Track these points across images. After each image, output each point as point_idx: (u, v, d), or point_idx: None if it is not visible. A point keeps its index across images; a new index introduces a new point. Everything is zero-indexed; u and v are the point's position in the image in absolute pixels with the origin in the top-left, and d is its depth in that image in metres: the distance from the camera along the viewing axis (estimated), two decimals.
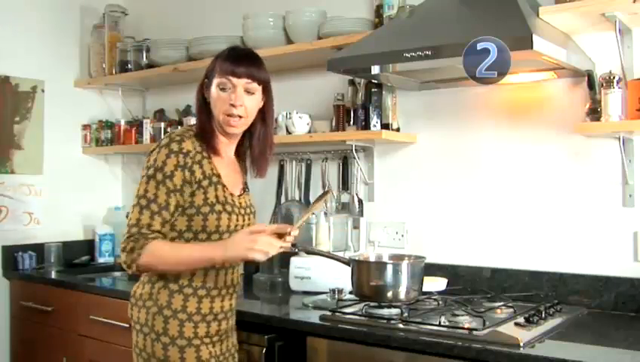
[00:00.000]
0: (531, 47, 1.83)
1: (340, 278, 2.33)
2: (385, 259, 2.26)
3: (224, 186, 1.86)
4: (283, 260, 2.76)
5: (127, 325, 2.07)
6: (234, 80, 1.81)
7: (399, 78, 2.55)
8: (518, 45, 1.87)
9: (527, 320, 1.93)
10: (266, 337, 2.14)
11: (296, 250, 2.67)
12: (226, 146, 1.93)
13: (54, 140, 3.65)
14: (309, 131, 2.85)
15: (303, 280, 2.58)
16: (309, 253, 2.45)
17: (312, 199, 3.01)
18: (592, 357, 1.72)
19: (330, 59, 2.35)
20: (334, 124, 2.79)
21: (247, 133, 1.94)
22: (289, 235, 1.76)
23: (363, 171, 2.83)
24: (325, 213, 2.75)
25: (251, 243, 1.69)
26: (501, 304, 2.14)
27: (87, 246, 3.70)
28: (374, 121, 2.64)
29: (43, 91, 3.61)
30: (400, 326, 1.94)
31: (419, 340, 1.83)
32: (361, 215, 2.82)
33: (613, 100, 2.09)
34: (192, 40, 3.24)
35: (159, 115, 3.63)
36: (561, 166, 2.37)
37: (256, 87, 1.84)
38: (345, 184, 2.89)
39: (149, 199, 1.74)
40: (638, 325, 2.04)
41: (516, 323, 1.92)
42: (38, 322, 3.21)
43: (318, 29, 2.79)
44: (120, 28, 3.72)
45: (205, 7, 3.55)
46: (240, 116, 1.83)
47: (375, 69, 2.39)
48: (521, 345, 1.72)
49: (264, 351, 2.12)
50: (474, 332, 1.81)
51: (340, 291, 2.34)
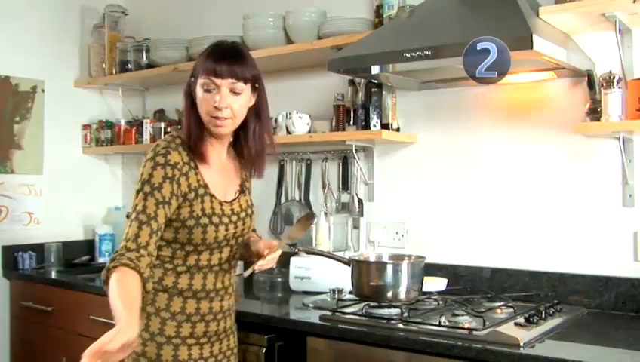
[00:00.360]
0: (531, 47, 1.83)
1: (340, 278, 2.34)
2: (385, 259, 2.26)
3: (212, 196, 1.79)
4: (283, 260, 2.77)
5: None
6: (217, 80, 1.73)
7: (399, 78, 2.55)
8: (518, 45, 1.87)
9: (527, 320, 1.93)
10: (266, 337, 2.14)
11: (296, 249, 2.68)
12: (218, 148, 1.85)
13: (54, 140, 3.65)
14: (309, 131, 2.85)
15: (303, 280, 2.58)
16: (309, 253, 2.46)
17: (312, 199, 3.01)
18: (592, 357, 1.72)
19: (330, 59, 2.35)
20: (334, 124, 2.79)
21: (241, 131, 1.85)
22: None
23: (363, 171, 2.83)
24: (325, 213, 2.75)
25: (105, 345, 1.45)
26: (501, 304, 2.14)
27: (87, 246, 3.70)
28: (374, 121, 2.64)
29: (43, 91, 3.61)
30: (400, 326, 1.94)
31: (419, 340, 1.83)
32: (361, 215, 2.82)
33: (613, 100, 2.09)
34: (192, 40, 3.24)
35: (159, 115, 3.63)
36: (561, 166, 2.37)
37: (242, 87, 1.75)
38: (345, 184, 2.89)
39: (137, 211, 1.69)
40: (638, 325, 2.04)
41: (516, 323, 1.92)
42: (38, 322, 3.20)
43: (318, 29, 2.79)
44: (120, 28, 3.72)
45: (205, 7, 3.55)
46: (226, 117, 1.75)
47: (375, 68, 2.39)
48: (521, 345, 1.72)
49: (264, 351, 2.12)
50: (474, 332, 1.81)
51: (340, 291, 2.34)
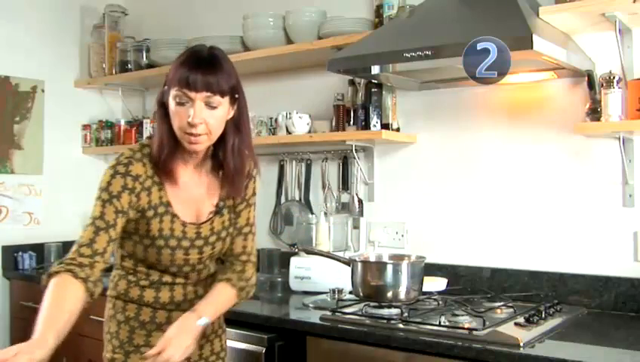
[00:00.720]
0: (531, 47, 1.83)
1: (340, 278, 2.34)
2: (385, 259, 2.26)
3: (174, 216, 1.67)
4: (283, 260, 2.77)
5: None
6: (190, 93, 1.57)
7: (399, 78, 2.55)
8: (518, 45, 1.87)
9: (527, 320, 1.93)
10: (266, 337, 2.13)
11: (297, 249, 2.69)
12: (192, 164, 1.71)
13: (54, 140, 3.65)
14: (309, 131, 2.85)
15: (303, 280, 2.58)
16: (309, 253, 2.47)
17: (312, 199, 3.01)
18: (592, 357, 1.72)
19: (330, 59, 2.35)
20: (334, 124, 2.79)
21: (220, 145, 1.69)
22: None
23: (363, 171, 2.83)
24: (325, 213, 2.75)
25: None
26: (501, 304, 2.14)
27: None
28: (374, 121, 2.64)
29: (43, 91, 3.61)
30: (400, 326, 1.94)
31: (419, 340, 1.83)
32: (361, 215, 2.82)
33: (613, 100, 2.09)
34: (192, 40, 3.23)
35: None
36: (561, 166, 2.37)
37: (219, 100, 1.59)
38: (345, 184, 2.89)
39: (95, 217, 1.59)
40: (638, 325, 2.04)
41: (516, 323, 1.92)
42: None
43: (318, 29, 2.79)
44: (120, 28, 3.72)
45: (205, 7, 3.55)
46: (200, 133, 1.60)
47: (375, 69, 2.39)
48: (521, 345, 1.72)
49: (264, 351, 2.12)
50: (474, 332, 1.81)
51: (340, 291, 2.34)
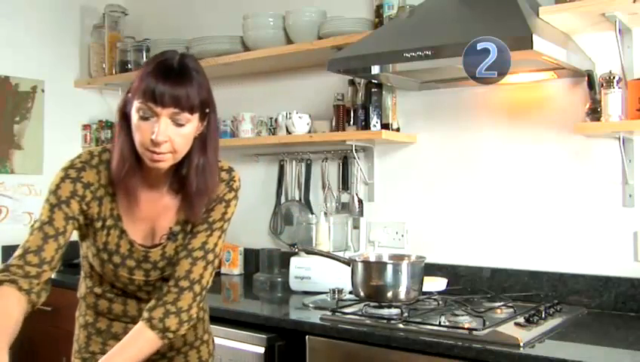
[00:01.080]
0: (531, 47, 1.83)
1: (340, 278, 2.34)
2: (385, 259, 2.26)
3: (123, 233, 1.56)
4: (283, 260, 2.77)
5: None
6: (156, 109, 1.40)
7: (399, 78, 2.55)
8: (518, 45, 1.87)
9: (527, 320, 1.93)
10: (266, 337, 2.13)
11: (296, 249, 2.69)
12: (152, 181, 1.56)
13: (54, 140, 3.65)
14: (309, 131, 2.85)
15: (303, 280, 2.58)
16: (309, 253, 2.47)
17: (312, 199, 3.01)
18: (592, 357, 1.72)
19: (330, 59, 2.35)
20: (334, 124, 2.79)
21: (185, 162, 1.53)
22: None
23: (363, 171, 2.83)
24: (325, 213, 2.75)
25: None
26: (501, 304, 2.14)
27: None
28: (374, 121, 2.64)
29: (43, 91, 3.61)
30: (400, 326, 1.94)
31: (419, 340, 1.83)
32: (361, 215, 2.82)
33: (613, 100, 2.09)
34: (192, 40, 3.24)
35: None
36: (561, 166, 2.37)
37: (188, 117, 1.43)
38: (345, 184, 2.89)
39: (43, 222, 1.53)
40: (638, 325, 2.04)
41: (516, 323, 1.92)
42: (38, 322, 3.16)
43: (318, 29, 2.79)
44: (120, 28, 3.71)
45: (205, 7, 3.55)
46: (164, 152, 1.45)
47: (375, 69, 2.39)
48: (521, 345, 1.71)
49: (264, 351, 2.12)
50: (474, 332, 1.81)
51: (340, 291, 2.34)
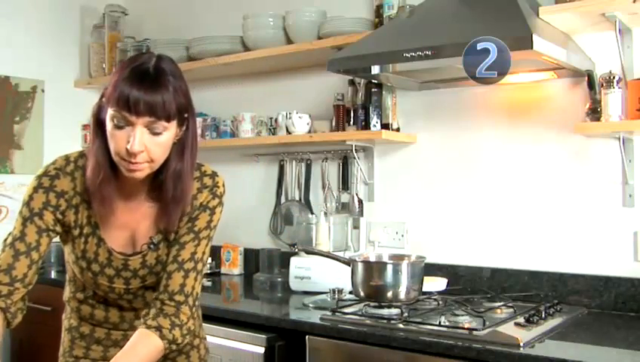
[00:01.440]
0: (531, 47, 1.83)
1: (340, 278, 2.34)
2: (385, 259, 2.26)
3: (101, 241, 1.51)
4: (283, 260, 2.77)
5: None
6: (131, 117, 1.33)
7: (399, 78, 2.55)
8: (518, 45, 1.87)
9: (527, 320, 1.93)
10: (266, 337, 2.13)
11: (296, 249, 2.69)
12: (130, 189, 1.51)
13: (54, 140, 3.64)
14: (309, 131, 2.85)
15: (303, 280, 2.58)
16: (309, 253, 2.47)
17: (312, 199, 3.01)
18: (592, 357, 1.72)
19: (330, 59, 2.35)
20: (334, 124, 2.79)
21: (163, 168, 1.47)
22: None
23: (363, 171, 2.83)
24: (325, 213, 2.75)
25: None
26: (501, 304, 2.14)
27: None
28: (374, 121, 2.64)
29: (43, 91, 3.61)
30: (400, 326, 1.94)
31: (419, 340, 1.83)
32: (361, 215, 2.82)
33: (613, 100, 2.09)
34: (192, 40, 3.24)
35: None
36: (561, 166, 2.37)
37: (164, 125, 1.36)
38: (345, 184, 2.89)
39: (15, 237, 1.49)
40: (638, 325, 2.04)
41: (516, 323, 1.92)
42: (38, 322, 3.18)
43: (318, 29, 2.79)
44: (120, 28, 3.71)
45: (205, 7, 3.55)
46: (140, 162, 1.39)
47: (375, 69, 2.39)
48: (521, 345, 1.71)
49: (264, 351, 2.12)
50: (474, 332, 1.81)
51: (340, 291, 2.34)
